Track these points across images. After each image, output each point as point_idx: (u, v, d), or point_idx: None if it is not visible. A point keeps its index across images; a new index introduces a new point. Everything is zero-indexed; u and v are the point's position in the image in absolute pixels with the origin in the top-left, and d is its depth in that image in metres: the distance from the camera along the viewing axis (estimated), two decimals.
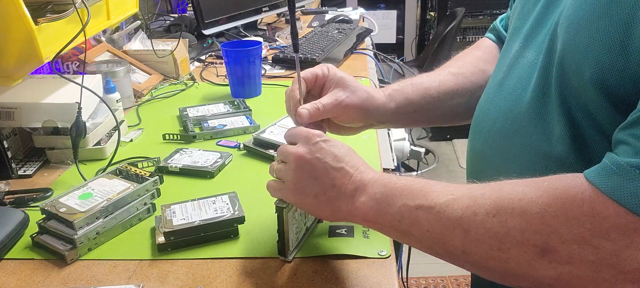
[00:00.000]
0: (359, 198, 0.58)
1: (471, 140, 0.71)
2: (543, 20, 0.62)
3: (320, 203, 0.60)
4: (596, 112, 0.51)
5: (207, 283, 0.64)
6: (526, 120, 0.59)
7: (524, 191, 0.49)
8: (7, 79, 0.89)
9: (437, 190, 0.54)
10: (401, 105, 0.75)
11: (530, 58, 0.61)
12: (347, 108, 0.70)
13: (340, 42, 1.62)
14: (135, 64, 1.38)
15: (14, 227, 0.72)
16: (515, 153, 0.61)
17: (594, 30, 0.49)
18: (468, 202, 0.51)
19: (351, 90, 0.70)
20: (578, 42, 0.51)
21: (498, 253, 0.49)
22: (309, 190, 0.60)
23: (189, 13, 1.97)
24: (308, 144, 0.61)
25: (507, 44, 0.70)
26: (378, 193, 0.57)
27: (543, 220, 0.46)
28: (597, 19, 0.49)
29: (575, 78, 0.52)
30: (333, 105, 0.69)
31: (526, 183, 0.50)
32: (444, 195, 0.53)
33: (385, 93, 0.75)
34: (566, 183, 0.47)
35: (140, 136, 1.09)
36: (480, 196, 0.51)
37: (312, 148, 0.61)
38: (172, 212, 0.73)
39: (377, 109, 0.73)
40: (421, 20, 3.70)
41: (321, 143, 0.61)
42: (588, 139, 0.52)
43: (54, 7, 0.93)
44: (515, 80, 0.63)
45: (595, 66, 0.48)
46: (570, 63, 0.52)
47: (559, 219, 0.46)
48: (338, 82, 0.70)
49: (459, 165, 3.09)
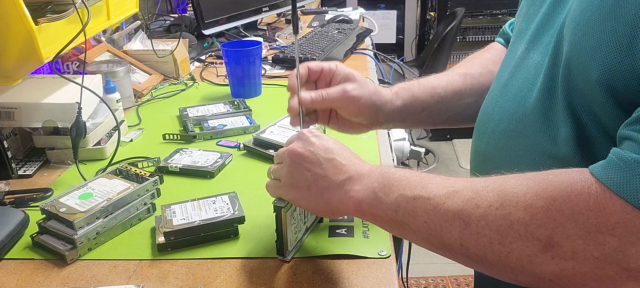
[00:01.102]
0: (353, 187, 0.59)
1: (475, 141, 0.71)
2: (549, 22, 0.62)
3: (313, 195, 0.61)
4: (602, 114, 0.50)
5: (207, 283, 0.64)
6: (531, 121, 0.59)
7: (529, 185, 0.48)
8: (7, 79, 0.89)
9: (436, 182, 0.54)
10: (408, 103, 0.75)
11: (535, 59, 0.61)
12: (354, 99, 0.70)
13: (340, 42, 1.62)
14: (135, 64, 1.38)
15: (14, 227, 0.72)
16: (520, 154, 0.61)
17: (601, 32, 0.49)
18: (470, 195, 0.51)
19: (359, 84, 0.71)
20: (584, 44, 0.51)
21: (498, 247, 0.48)
22: (302, 182, 0.61)
23: (189, 13, 1.96)
24: (301, 139, 0.63)
25: (512, 45, 0.70)
26: (375, 183, 0.57)
27: (548, 214, 0.46)
28: (604, 20, 0.49)
29: (582, 80, 0.51)
30: (339, 93, 0.69)
31: (531, 177, 0.49)
32: (444, 187, 0.53)
33: (392, 90, 0.75)
34: (572, 178, 0.47)
35: (140, 136, 1.09)
36: (483, 189, 0.51)
37: (304, 143, 0.62)
38: (172, 212, 0.73)
39: (384, 104, 0.73)
40: (421, 20, 3.70)
41: (313, 137, 0.62)
42: (593, 140, 0.52)
43: (54, 7, 0.93)
44: (521, 82, 0.63)
45: (602, 68, 0.48)
46: (576, 65, 0.52)
47: (564, 213, 0.45)
48: (346, 76, 0.71)
49: (459, 165, 3.09)
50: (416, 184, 0.55)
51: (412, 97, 0.75)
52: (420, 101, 0.76)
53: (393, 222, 0.56)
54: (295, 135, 0.65)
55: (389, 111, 0.74)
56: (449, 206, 0.51)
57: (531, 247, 0.47)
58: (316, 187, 0.61)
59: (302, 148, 0.62)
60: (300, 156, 0.61)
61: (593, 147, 0.53)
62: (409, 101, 0.75)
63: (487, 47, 0.87)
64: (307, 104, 0.67)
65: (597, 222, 0.44)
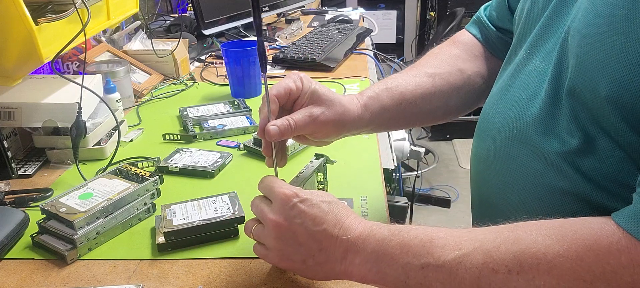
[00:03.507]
0: (353, 260, 0.54)
1: (475, 146, 0.70)
2: (551, 27, 0.60)
3: (310, 268, 0.57)
4: (609, 128, 0.49)
5: (207, 283, 0.64)
6: (534, 130, 0.58)
7: (546, 243, 0.45)
8: (7, 79, 0.89)
9: (440, 243, 0.50)
10: (376, 115, 0.71)
11: (538, 66, 0.60)
12: (322, 124, 0.65)
13: (340, 42, 1.62)
14: (135, 64, 1.38)
15: (14, 227, 0.72)
16: (522, 162, 0.60)
17: (610, 46, 0.47)
18: (482, 258, 0.47)
19: (327, 105, 0.66)
20: (592, 57, 0.49)
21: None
22: (296, 257, 0.57)
23: (189, 13, 1.96)
24: (284, 208, 0.56)
25: (513, 49, 0.69)
26: (372, 254, 0.53)
27: (576, 276, 0.43)
28: (613, 35, 0.47)
29: (589, 94, 0.50)
30: (306, 121, 0.64)
31: (545, 233, 0.46)
32: (450, 250, 0.49)
33: (361, 102, 0.70)
34: (595, 232, 0.44)
35: (140, 136, 1.09)
36: (495, 250, 0.47)
37: (289, 214, 0.56)
38: (172, 212, 0.73)
39: (353, 123, 0.69)
40: (421, 20, 3.71)
41: (298, 205, 0.56)
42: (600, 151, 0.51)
43: (54, 7, 0.93)
44: (522, 88, 0.62)
45: (610, 84, 0.47)
46: (583, 79, 0.51)
47: (594, 274, 0.42)
48: (312, 95, 0.65)
49: (459, 165, 3.09)
50: (418, 250, 0.51)
51: (381, 108, 0.71)
52: (388, 111, 0.72)
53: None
54: (274, 194, 0.58)
55: (358, 127, 0.70)
56: (464, 274, 0.48)
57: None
58: (313, 260, 0.56)
59: (288, 222, 0.56)
60: (288, 230, 0.56)
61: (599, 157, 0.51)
62: (377, 112, 0.71)
63: (453, 39, 0.83)
64: (276, 137, 0.62)
65: (632, 280, 0.41)
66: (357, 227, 0.56)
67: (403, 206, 1.20)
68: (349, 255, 0.55)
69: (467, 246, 0.48)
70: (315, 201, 0.57)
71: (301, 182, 0.71)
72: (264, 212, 0.59)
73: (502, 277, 0.46)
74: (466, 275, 0.47)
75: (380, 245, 0.53)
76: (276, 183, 0.59)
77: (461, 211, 2.65)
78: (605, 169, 0.51)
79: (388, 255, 0.52)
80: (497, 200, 0.66)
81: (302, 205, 0.56)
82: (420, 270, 0.50)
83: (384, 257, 0.52)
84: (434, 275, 0.49)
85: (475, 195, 0.73)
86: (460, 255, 0.48)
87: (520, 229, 0.48)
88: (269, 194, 0.60)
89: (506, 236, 0.48)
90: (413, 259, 0.50)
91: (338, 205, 0.58)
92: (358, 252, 0.54)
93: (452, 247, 0.49)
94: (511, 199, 0.62)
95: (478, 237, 0.49)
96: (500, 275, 0.46)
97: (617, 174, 0.50)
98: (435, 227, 0.53)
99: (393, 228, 0.54)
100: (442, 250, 0.49)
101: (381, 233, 0.54)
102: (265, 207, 0.59)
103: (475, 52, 0.80)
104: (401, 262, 0.51)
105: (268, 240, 0.59)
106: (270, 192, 0.59)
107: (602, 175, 0.51)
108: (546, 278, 0.44)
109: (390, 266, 0.52)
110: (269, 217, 0.58)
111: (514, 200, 0.62)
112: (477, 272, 0.47)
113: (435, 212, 2.60)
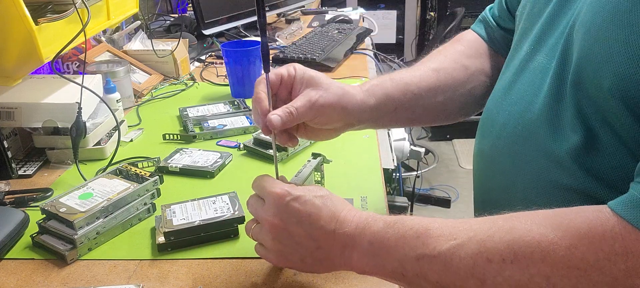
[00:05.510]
0: (351, 255, 0.55)
1: (478, 143, 0.70)
2: (555, 22, 0.60)
3: (309, 265, 0.58)
4: (615, 122, 0.49)
5: (207, 283, 0.64)
6: (538, 126, 0.58)
7: (541, 232, 0.45)
8: (7, 79, 0.89)
9: (435, 234, 0.50)
10: (381, 101, 0.69)
11: (541, 62, 0.60)
12: (323, 108, 0.64)
13: (340, 42, 1.62)
14: (135, 64, 1.38)
15: (14, 227, 0.72)
16: (526, 158, 0.59)
17: (614, 39, 0.47)
18: (477, 248, 0.47)
19: (324, 88, 0.64)
20: (596, 50, 0.49)
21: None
22: (294, 255, 0.58)
23: (189, 13, 1.97)
24: (278, 208, 0.56)
25: (516, 45, 0.68)
26: (369, 247, 0.54)
27: (570, 264, 0.43)
28: (617, 28, 0.47)
29: (593, 87, 0.50)
30: (307, 107, 0.62)
31: (540, 222, 0.46)
32: (445, 240, 0.49)
33: (363, 88, 0.69)
34: (589, 219, 0.44)
35: (140, 136, 1.09)
36: (489, 239, 0.47)
37: (283, 214, 0.56)
38: (172, 212, 0.73)
39: (355, 105, 0.67)
40: (421, 20, 3.70)
41: (292, 204, 0.56)
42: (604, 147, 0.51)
43: (54, 7, 0.93)
44: (526, 85, 0.61)
45: (614, 76, 0.47)
46: (587, 72, 0.50)
47: (587, 261, 0.42)
48: (308, 81, 0.64)
49: (459, 165, 3.09)
50: (413, 241, 0.51)
51: (385, 95, 0.69)
52: (393, 100, 0.70)
53: (403, 281, 0.53)
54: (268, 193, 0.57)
55: (362, 111, 0.68)
56: (459, 263, 0.48)
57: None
58: (312, 258, 0.57)
59: (283, 222, 0.56)
60: (284, 231, 0.56)
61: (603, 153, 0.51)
62: (382, 99, 0.69)
63: (458, 38, 0.83)
64: (278, 127, 0.61)
65: (626, 266, 0.41)
66: (353, 219, 0.56)
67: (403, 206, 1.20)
68: (347, 250, 0.55)
69: (462, 236, 0.49)
70: (308, 197, 0.56)
71: (299, 182, 0.71)
72: (259, 212, 0.59)
73: (496, 266, 0.46)
74: (461, 264, 0.48)
75: (376, 238, 0.53)
76: (268, 183, 0.59)
77: (461, 211, 2.65)
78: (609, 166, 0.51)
79: (384, 248, 0.53)
80: (500, 196, 0.65)
81: (295, 203, 0.56)
82: (415, 261, 0.50)
83: (381, 250, 0.53)
84: (429, 265, 0.50)
85: (478, 192, 0.73)
86: (455, 245, 0.48)
87: (515, 219, 0.48)
88: (261, 194, 0.60)
89: (500, 225, 0.48)
90: (409, 251, 0.51)
91: (332, 198, 0.57)
92: (355, 247, 0.55)
93: (447, 237, 0.49)
94: (515, 196, 0.62)
95: (473, 227, 0.49)
96: (494, 265, 0.46)
97: (621, 171, 0.50)
98: (430, 218, 0.53)
99: (389, 220, 0.54)
100: (437, 240, 0.50)
101: (377, 226, 0.54)
102: (260, 207, 0.59)
103: (479, 50, 0.80)
104: (397, 254, 0.52)
105: (266, 240, 0.59)
106: (263, 192, 0.59)
107: (606, 171, 0.51)
108: (540, 267, 0.44)
109: (387, 259, 0.52)
110: (264, 218, 0.58)
111: (518, 197, 0.62)
112: (471, 261, 0.47)
113: (436, 212, 2.60)
